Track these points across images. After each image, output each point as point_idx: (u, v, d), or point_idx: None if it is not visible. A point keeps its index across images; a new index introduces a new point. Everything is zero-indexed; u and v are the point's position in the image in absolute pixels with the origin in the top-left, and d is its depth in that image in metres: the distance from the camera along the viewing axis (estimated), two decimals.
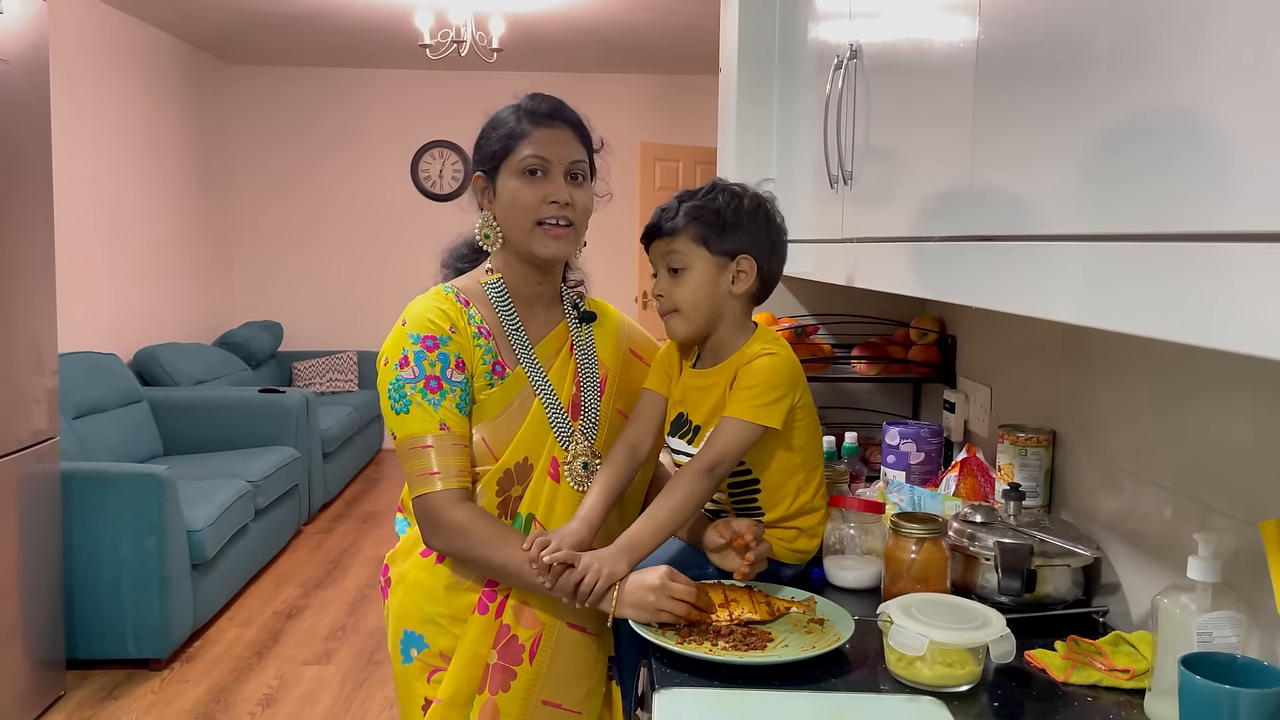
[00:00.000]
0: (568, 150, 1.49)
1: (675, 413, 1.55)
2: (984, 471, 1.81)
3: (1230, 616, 1.11)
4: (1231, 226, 0.69)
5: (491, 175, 1.50)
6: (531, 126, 1.47)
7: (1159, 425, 1.39)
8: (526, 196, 1.46)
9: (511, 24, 5.33)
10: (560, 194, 1.46)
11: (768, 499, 1.54)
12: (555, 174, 1.47)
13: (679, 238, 1.49)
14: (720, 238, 1.49)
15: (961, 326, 2.18)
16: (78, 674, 3.31)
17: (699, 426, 1.52)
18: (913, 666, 1.23)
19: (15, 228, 2.85)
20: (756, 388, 1.45)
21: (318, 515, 5.38)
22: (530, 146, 1.46)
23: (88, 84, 4.88)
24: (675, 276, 1.50)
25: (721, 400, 1.49)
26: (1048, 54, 0.97)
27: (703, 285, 1.50)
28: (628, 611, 1.37)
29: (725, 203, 1.49)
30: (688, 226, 1.49)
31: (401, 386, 1.43)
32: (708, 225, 1.49)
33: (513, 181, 1.47)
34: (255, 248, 6.99)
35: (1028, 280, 1.02)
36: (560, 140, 1.49)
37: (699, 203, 1.49)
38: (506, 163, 1.48)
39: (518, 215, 1.47)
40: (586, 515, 1.44)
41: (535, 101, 1.51)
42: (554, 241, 1.48)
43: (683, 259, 1.49)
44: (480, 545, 1.42)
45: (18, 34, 2.84)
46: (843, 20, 1.79)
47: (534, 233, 1.47)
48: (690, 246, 1.49)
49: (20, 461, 2.87)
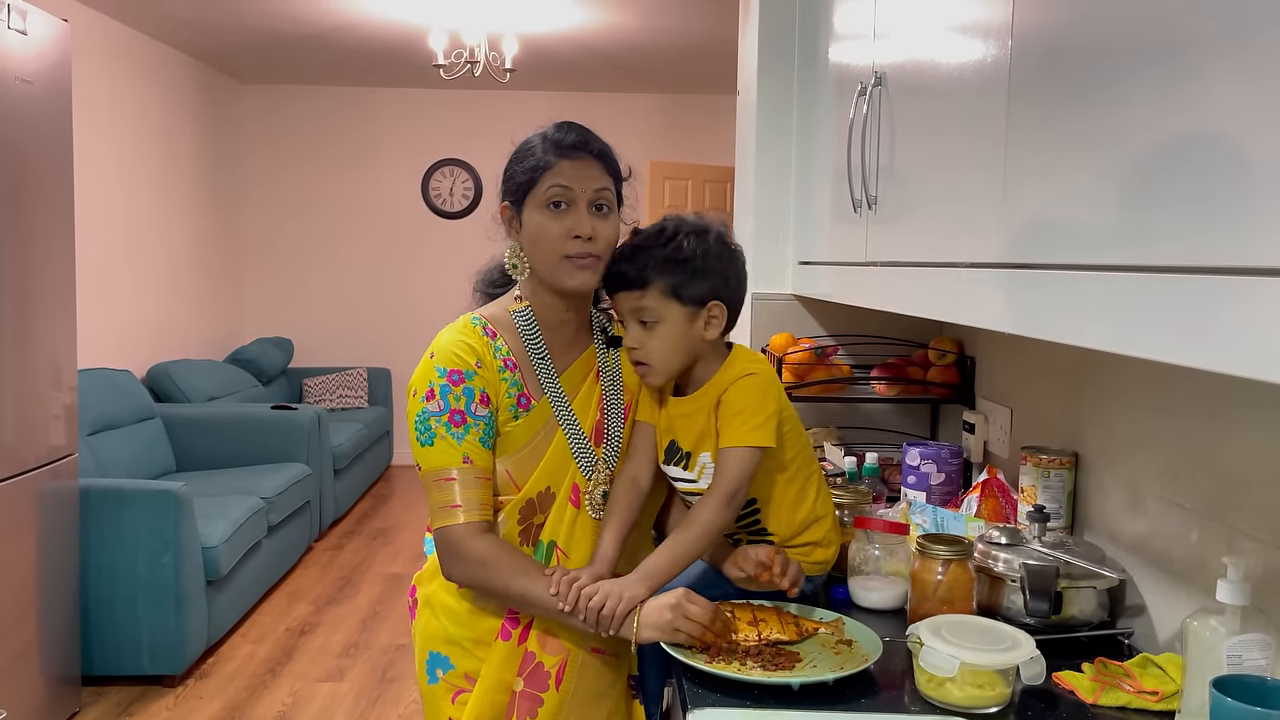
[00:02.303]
0: (592, 181, 1.47)
1: (666, 441, 1.55)
2: (1005, 493, 1.82)
3: (1260, 639, 1.12)
4: (1259, 261, 0.71)
5: (518, 206, 1.50)
6: (556, 158, 1.46)
7: (1183, 448, 1.40)
8: (551, 230, 1.46)
9: (524, 44, 5.37)
10: (584, 227, 1.45)
11: (770, 517, 1.55)
12: (579, 206, 1.46)
13: (648, 293, 1.45)
14: (690, 287, 1.45)
15: (980, 348, 2.20)
16: (93, 690, 3.32)
17: (689, 453, 1.52)
18: (943, 688, 1.24)
19: (38, 245, 2.88)
20: (745, 411, 1.45)
21: (329, 532, 5.39)
22: (554, 179, 1.45)
23: (105, 103, 4.92)
24: (646, 329, 1.47)
25: (707, 424, 1.48)
26: (1082, 72, 0.98)
27: (676, 337, 1.47)
28: (647, 634, 1.38)
29: (692, 249, 1.45)
30: (656, 280, 1.45)
31: (426, 419, 1.44)
32: (677, 277, 1.45)
33: (538, 214, 1.47)
34: (266, 264, 7.03)
35: (1058, 307, 1.04)
36: (585, 172, 1.47)
37: (666, 253, 1.45)
38: (531, 195, 1.47)
39: (543, 248, 1.47)
40: (604, 555, 1.45)
41: (561, 132, 1.49)
42: (580, 273, 1.47)
43: (654, 313, 1.46)
44: (500, 576, 1.43)
45: (41, 54, 2.87)
46: (865, 41, 1.81)
47: (560, 265, 1.47)
48: (660, 300, 1.45)
49: (39, 478, 2.88)
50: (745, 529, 1.57)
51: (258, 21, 5.12)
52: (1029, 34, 1.11)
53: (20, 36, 2.75)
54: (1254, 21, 0.73)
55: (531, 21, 5.01)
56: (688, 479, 1.53)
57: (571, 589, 1.38)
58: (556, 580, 1.40)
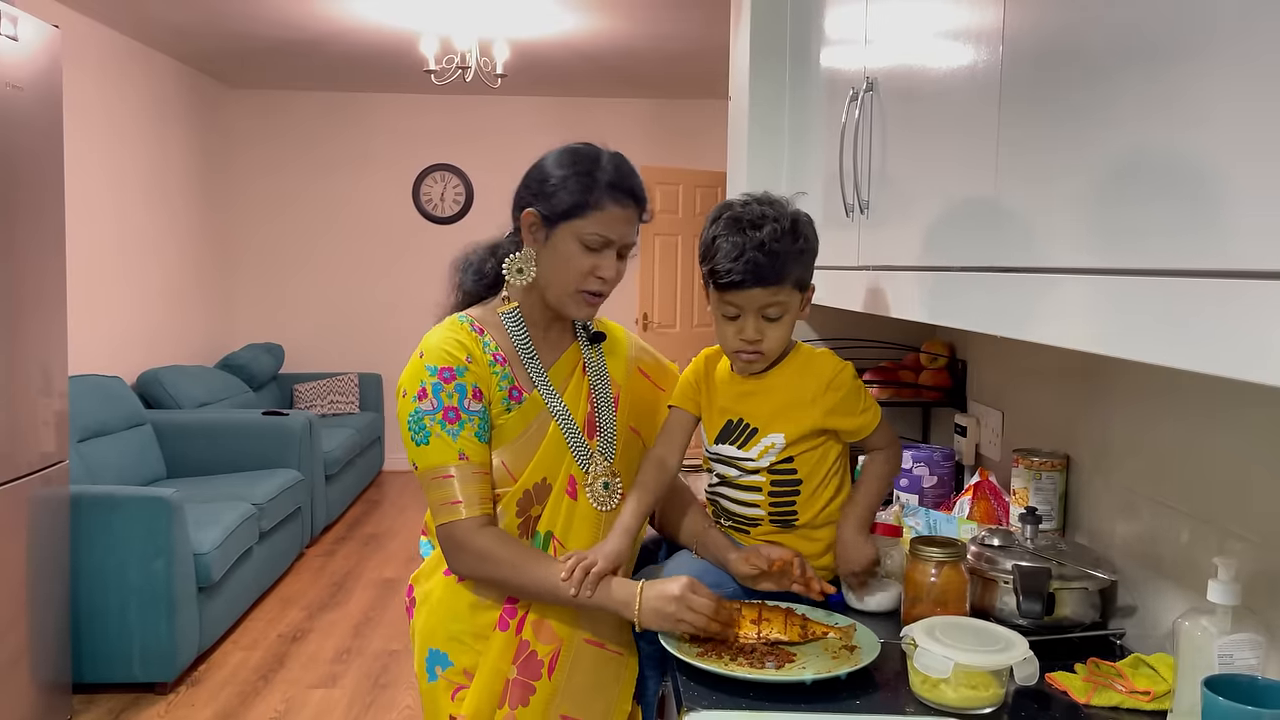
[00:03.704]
0: (629, 232, 1.52)
1: (722, 421, 1.57)
2: (997, 495, 1.83)
3: (1250, 639, 1.13)
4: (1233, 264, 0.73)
5: (550, 222, 1.50)
6: (608, 201, 1.48)
7: (1174, 449, 1.41)
8: (580, 264, 1.48)
9: (515, 50, 5.38)
10: (609, 271, 1.50)
11: (804, 501, 1.56)
12: (611, 251, 1.50)
13: (783, 288, 1.48)
14: (808, 274, 1.51)
15: (972, 351, 2.21)
16: (84, 698, 3.30)
17: (756, 429, 1.54)
18: (937, 689, 1.24)
19: (29, 251, 2.87)
20: (860, 391, 1.56)
21: (320, 537, 5.38)
22: (600, 225, 1.48)
23: (95, 109, 4.91)
24: (771, 323, 1.49)
25: (793, 399, 1.53)
26: (1072, 79, 1.00)
27: (791, 322, 1.52)
28: (648, 619, 1.39)
29: (805, 233, 1.50)
30: (790, 273, 1.47)
31: (421, 418, 1.46)
32: (804, 267, 1.50)
33: (571, 245, 1.48)
34: (257, 270, 7.01)
35: (1045, 309, 1.05)
36: (627, 222, 1.51)
37: (797, 247, 1.48)
38: (571, 224, 1.48)
39: (564, 276, 1.50)
40: (626, 526, 1.48)
41: (619, 174, 1.51)
42: (589, 308, 1.53)
43: (783, 307, 1.49)
44: (505, 568, 1.46)
45: (32, 60, 2.86)
46: (857, 46, 1.82)
47: (574, 296, 1.51)
48: (790, 294, 1.49)
49: (30, 485, 2.87)
50: (779, 506, 1.57)
51: (248, 27, 5.12)
52: (1020, 39, 1.12)
53: (11, 42, 2.74)
54: (1234, 30, 0.74)
55: (522, 27, 5.02)
56: (744, 459, 1.55)
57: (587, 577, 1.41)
58: (570, 566, 1.42)
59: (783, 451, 1.54)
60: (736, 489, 1.59)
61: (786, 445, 1.53)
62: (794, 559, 1.49)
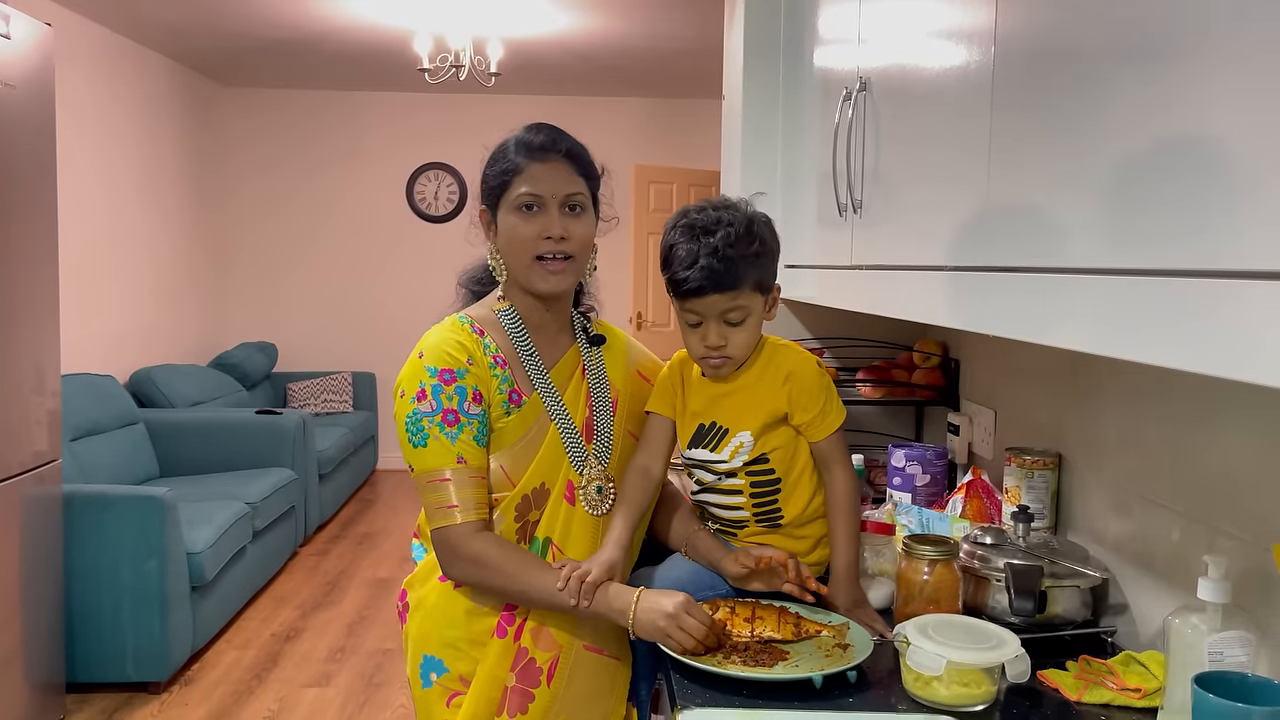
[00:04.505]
0: (563, 183, 1.48)
1: (694, 425, 1.58)
2: (990, 494, 1.84)
3: (1240, 636, 1.13)
4: (1239, 264, 0.73)
5: (493, 210, 1.52)
6: (527, 160, 1.48)
7: (1165, 448, 1.42)
8: (523, 232, 1.47)
9: (509, 49, 5.38)
10: (554, 229, 1.47)
11: (788, 498, 1.57)
12: (550, 208, 1.47)
13: (742, 292, 1.47)
14: (768, 276, 1.51)
15: (965, 350, 2.22)
16: (77, 697, 3.30)
17: (727, 429, 1.55)
18: (929, 686, 1.25)
19: (22, 250, 2.86)
20: (826, 391, 1.55)
21: (314, 537, 5.37)
22: (525, 183, 1.47)
23: (88, 107, 4.90)
24: (733, 326, 1.49)
25: (763, 398, 1.53)
26: (1065, 78, 1.00)
27: (755, 325, 1.52)
28: (642, 629, 1.39)
29: (766, 239, 1.50)
30: (748, 278, 1.47)
31: (419, 420, 1.44)
32: (762, 269, 1.49)
33: (510, 217, 1.48)
34: (250, 269, 7.00)
35: (1042, 309, 1.05)
36: (555, 173, 1.48)
37: (753, 250, 1.47)
38: (504, 198, 1.49)
39: (516, 251, 1.49)
40: (617, 540, 1.47)
41: (531, 134, 1.51)
42: (552, 276, 1.49)
43: (745, 310, 1.48)
44: (499, 575, 1.44)
45: (24, 58, 2.86)
46: (850, 46, 1.82)
47: (533, 267, 1.48)
48: (750, 297, 1.49)
49: (22, 484, 2.87)
50: (762, 506, 1.58)
51: (241, 25, 5.11)
52: (1013, 38, 1.13)
53: (3, 40, 2.74)
54: (1232, 25, 0.74)
55: (516, 25, 5.02)
56: (717, 460, 1.55)
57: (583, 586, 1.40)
58: (565, 575, 1.41)
59: (754, 450, 1.54)
60: (719, 494, 1.60)
61: (755, 442, 1.54)
62: (787, 559, 1.49)
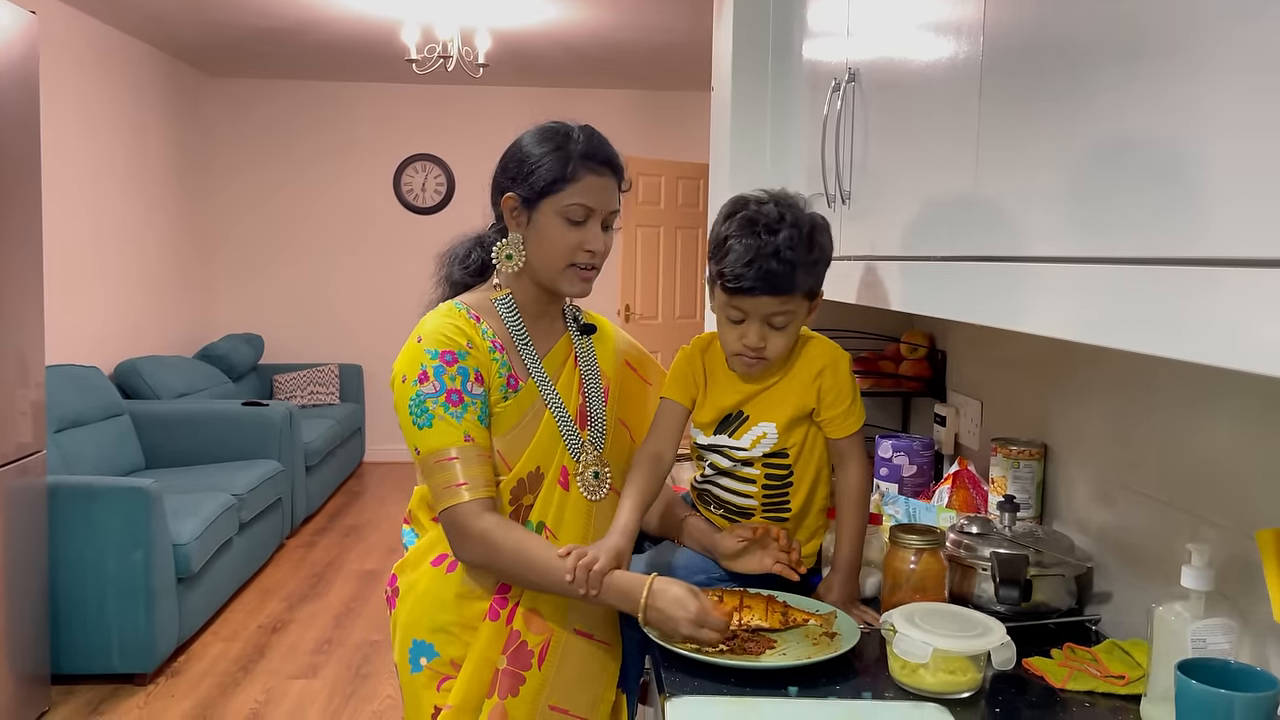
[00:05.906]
0: (610, 201, 1.51)
1: (719, 414, 1.58)
2: (976, 484, 1.85)
3: (1223, 623, 1.15)
4: (1211, 252, 0.74)
5: (530, 204, 1.50)
6: (584, 172, 1.48)
7: (1148, 438, 1.43)
8: (567, 239, 1.48)
9: (497, 39, 5.36)
10: (597, 244, 1.49)
11: (797, 491, 1.58)
12: (595, 223, 1.49)
13: (793, 298, 1.46)
14: (819, 283, 1.51)
15: (951, 341, 2.23)
16: (62, 689, 3.28)
17: (748, 416, 1.56)
18: (916, 674, 1.26)
19: (5, 240, 2.84)
20: (855, 391, 1.55)
21: (300, 529, 5.36)
22: (579, 195, 1.47)
23: (72, 97, 4.86)
24: (776, 330, 1.48)
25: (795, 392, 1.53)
26: (1052, 70, 1.01)
27: (797, 330, 1.51)
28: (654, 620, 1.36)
29: (821, 242, 1.48)
30: (803, 284, 1.46)
31: (423, 401, 1.44)
32: (817, 277, 1.49)
33: (556, 220, 1.48)
34: (237, 260, 6.97)
35: (1025, 298, 1.06)
36: (606, 190, 1.50)
37: (812, 256, 1.46)
38: (551, 200, 1.48)
39: (552, 254, 1.49)
40: (624, 527, 1.46)
41: (591, 145, 1.50)
42: (583, 283, 1.52)
43: (790, 316, 1.47)
44: (507, 556, 1.43)
45: (8, 46, 2.83)
46: (839, 38, 1.82)
47: (565, 273, 1.50)
48: (799, 303, 1.48)
49: (6, 476, 2.85)
50: (772, 498, 1.59)
51: (228, 14, 5.08)
52: (1000, 31, 1.13)
53: None
54: (1209, 24, 0.75)
55: (504, 16, 5.00)
56: (735, 447, 1.56)
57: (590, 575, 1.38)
58: (572, 564, 1.39)
59: (776, 443, 1.55)
60: (733, 479, 1.60)
61: (779, 435, 1.54)
62: (779, 532, 1.51)
